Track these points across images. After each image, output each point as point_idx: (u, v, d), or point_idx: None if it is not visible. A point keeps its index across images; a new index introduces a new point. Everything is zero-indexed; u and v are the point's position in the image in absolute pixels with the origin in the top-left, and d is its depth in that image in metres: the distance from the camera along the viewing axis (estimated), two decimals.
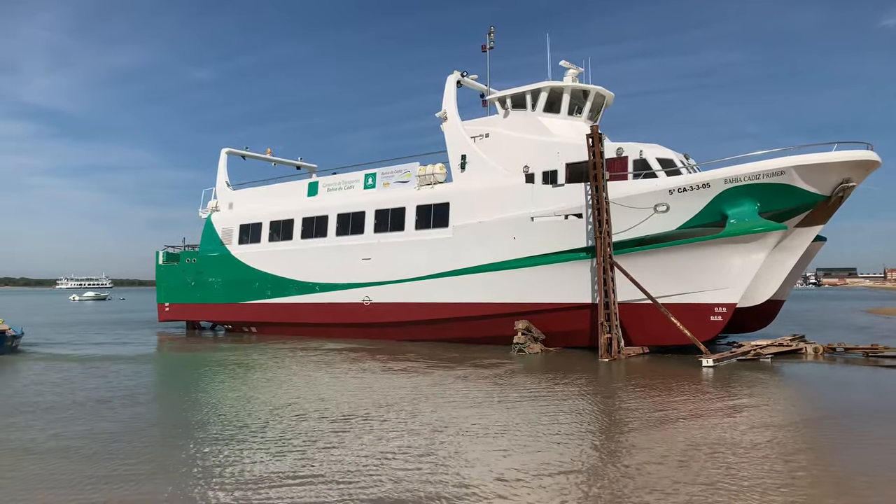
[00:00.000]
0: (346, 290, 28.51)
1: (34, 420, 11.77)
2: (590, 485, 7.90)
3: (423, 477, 8.21)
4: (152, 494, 7.66)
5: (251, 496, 7.52)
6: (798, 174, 20.11)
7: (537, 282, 23.40)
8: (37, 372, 18.24)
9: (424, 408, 12.68)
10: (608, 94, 26.84)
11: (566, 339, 23.38)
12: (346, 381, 16.41)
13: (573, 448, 9.63)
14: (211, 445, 9.84)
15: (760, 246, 20.23)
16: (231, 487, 7.84)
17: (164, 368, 20.71)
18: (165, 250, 37.36)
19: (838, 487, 7.82)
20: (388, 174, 28.64)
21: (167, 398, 14.66)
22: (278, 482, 8.03)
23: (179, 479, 8.19)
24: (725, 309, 20.90)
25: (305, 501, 7.36)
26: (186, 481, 8.11)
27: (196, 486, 7.92)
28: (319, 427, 11.04)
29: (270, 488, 7.78)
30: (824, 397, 14.42)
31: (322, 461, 8.96)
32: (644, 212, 21.71)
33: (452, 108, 27.05)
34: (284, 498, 7.46)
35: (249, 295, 32.24)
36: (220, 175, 35.97)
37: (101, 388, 15.34)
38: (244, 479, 8.13)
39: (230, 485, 7.94)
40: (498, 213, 24.46)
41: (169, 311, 36.36)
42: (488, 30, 29.57)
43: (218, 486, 7.87)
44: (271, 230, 31.98)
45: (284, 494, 7.57)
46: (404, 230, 26.98)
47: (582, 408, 12.76)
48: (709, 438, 10.19)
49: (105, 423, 11.46)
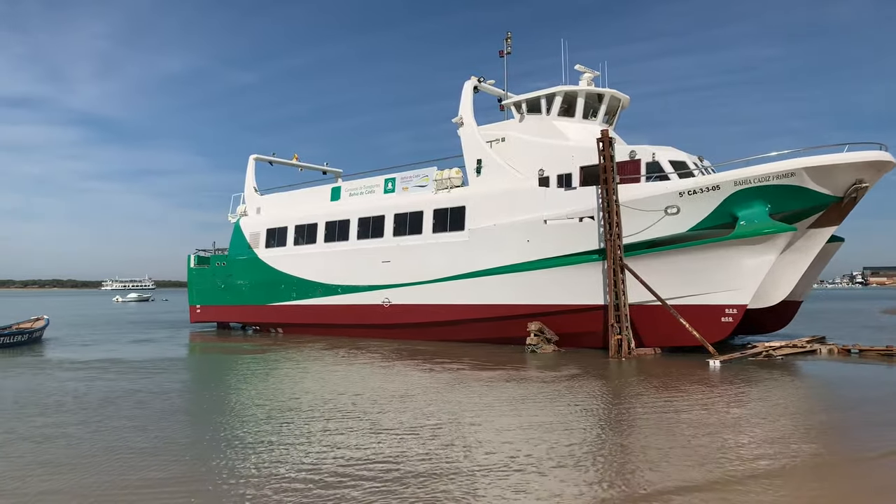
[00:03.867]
0: (366, 292, 29.29)
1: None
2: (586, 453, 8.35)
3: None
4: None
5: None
6: (809, 176, 20.11)
7: (550, 284, 23.78)
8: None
9: (437, 398, 13.24)
10: (623, 98, 27.06)
11: (579, 340, 23.70)
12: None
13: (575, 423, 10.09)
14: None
15: (770, 247, 20.29)
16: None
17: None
18: (196, 254, 38.69)
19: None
20: (407, 179, 29.33)
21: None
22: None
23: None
24: (736, 310, 21.00)
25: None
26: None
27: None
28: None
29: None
30: (827, 388, 14.52)
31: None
32: (655, 214, 21.92)
33: (469, 113, 27.59)
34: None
35: (276, 297, 33.28)
36: (248, 181, 37.15)
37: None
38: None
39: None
40: (512, 217, 24.91)
41: (200, 312, 37.68)
42: (505, 35, 30.15)
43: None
44: (296, 234, 32.97)
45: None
46: (422, 233, 27.62)
47: (586, 399, 13.16)
48: (709, 421, 10.53)
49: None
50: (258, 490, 7.80)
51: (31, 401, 13.87)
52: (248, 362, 21.00)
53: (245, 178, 37.32)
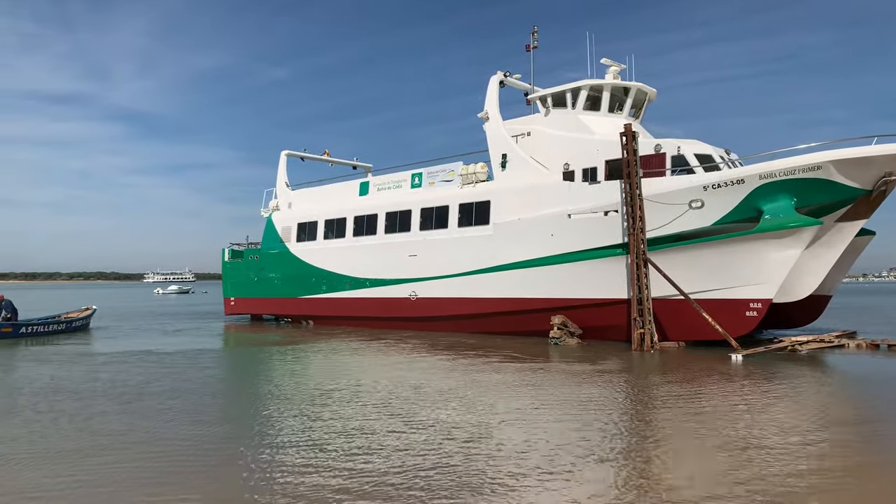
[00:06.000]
0: (394, 285, 29.80)
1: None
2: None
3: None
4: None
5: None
6: (836, 168, 19.85)
7: (574, 278, 23.91)
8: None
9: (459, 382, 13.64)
10: (650, 91, 26.97)
11: (603, 333, 23.80)
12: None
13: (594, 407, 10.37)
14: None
15: (795, 241, 20.09)
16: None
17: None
18: (231, 247, 39.74)
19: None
20: (433, 174, 29.69)
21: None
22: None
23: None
24: (761, 304, 20.87)
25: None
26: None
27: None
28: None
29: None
30: (847, 381, 14.45)
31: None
32: (679, 208, 21.87)
33: (494, 108, 27.79)
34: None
35: (306, 290, 34.04)
36: (279, 176, 37.99)
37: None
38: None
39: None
40: (536, 211, 25.07)
41: (234, 304, 38.73)
42: (531, 29, 30.24)
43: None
44: (326, 228, 33.67)
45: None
46: (448, 228, 27.98)
47: (605, 387, 13.38)
48: (722, 406, 10.68)
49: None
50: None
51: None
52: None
53: (277, 173, 38.17)
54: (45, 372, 16.86)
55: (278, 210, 37.32)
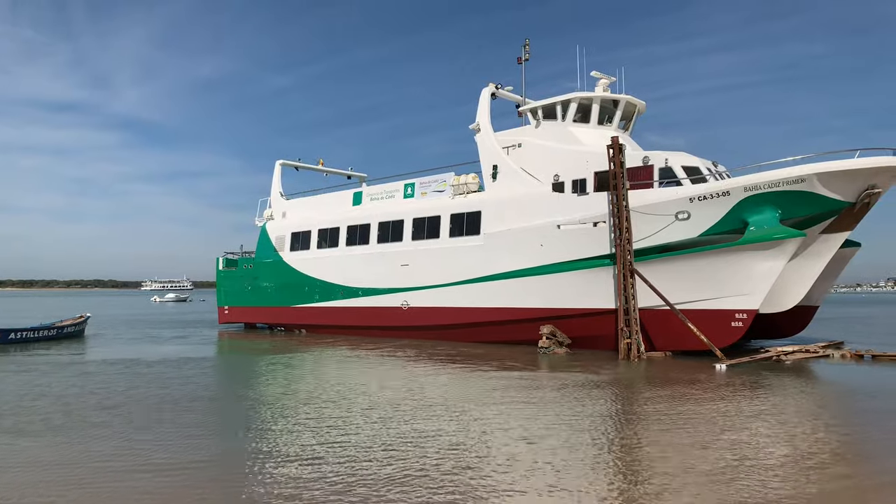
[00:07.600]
0: (386, 294, 30.02)
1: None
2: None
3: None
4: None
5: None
6: (819, 181, 20.16)
7: (563, 287, 24.16)
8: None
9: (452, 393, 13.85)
10: (639, 103, 27.34)
11: (591, 343, 24.01)
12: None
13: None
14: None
15: (780, 253, 20.36)
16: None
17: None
18: (225, 256, 39.93)
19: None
20: (426, 184, 29.98)
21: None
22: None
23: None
24: (746, 315, 21.11)
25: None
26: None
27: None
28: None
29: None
30: (828, 390, 14.67)
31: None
32: (665, 219, 22.15)
33: (486, 120, 28.15)
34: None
35: (300, 299, 34.24)
36: (274, 185, 38.29)
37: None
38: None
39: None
40: (526, 221, 25.35)
41: (228, 313, 38.89)
42: (523, 42, 30.61)
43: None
44: (319, 238, 33.91)
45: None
46: (439, 237, 28.24)
47: (592, 398, 13.60)
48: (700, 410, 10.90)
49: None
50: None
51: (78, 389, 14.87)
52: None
53: (271, 182, 38.44)
54: (26, 379, 17.00)
55: (272, 219, 37.57)
